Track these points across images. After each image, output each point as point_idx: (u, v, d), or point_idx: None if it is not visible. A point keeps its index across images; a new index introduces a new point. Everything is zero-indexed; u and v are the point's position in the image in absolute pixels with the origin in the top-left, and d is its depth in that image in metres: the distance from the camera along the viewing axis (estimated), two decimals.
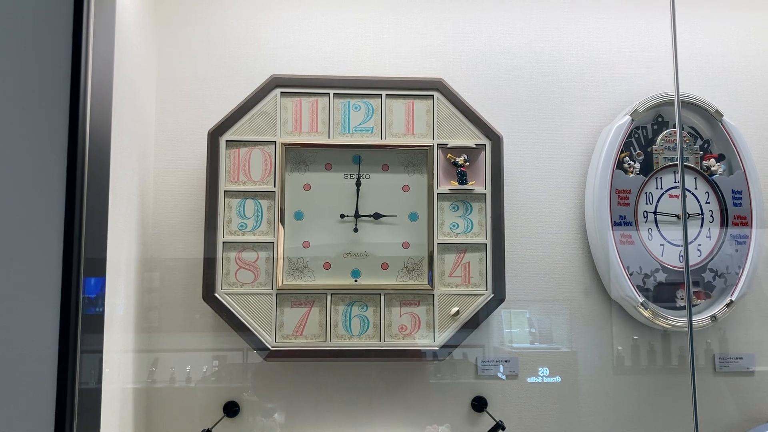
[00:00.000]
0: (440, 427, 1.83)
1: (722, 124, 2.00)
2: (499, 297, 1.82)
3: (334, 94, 1.86)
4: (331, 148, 1.86)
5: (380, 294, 1.82)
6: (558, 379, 1.94)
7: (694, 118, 2.03)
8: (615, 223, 1.91)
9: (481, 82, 2.02)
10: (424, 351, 1.80)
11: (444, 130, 1.87)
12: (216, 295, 1.76)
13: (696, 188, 2.00)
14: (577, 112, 2.03)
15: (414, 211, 1.88)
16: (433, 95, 1.88)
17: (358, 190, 1.88)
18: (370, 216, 1.87)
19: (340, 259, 1.85)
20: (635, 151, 1.98)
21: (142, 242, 1.82)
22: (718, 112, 2.00)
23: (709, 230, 1.98)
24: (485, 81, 2.02)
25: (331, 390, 1.88)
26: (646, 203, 1.97)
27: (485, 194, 1.86)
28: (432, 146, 1.86)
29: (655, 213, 1.97)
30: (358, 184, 1.88)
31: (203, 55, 1.95)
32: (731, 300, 1.94)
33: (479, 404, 1.90)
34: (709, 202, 2.00)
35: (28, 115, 1.15)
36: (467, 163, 1.87)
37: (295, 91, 1.85)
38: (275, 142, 1.83)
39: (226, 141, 1.81)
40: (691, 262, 1.95)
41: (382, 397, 1.89)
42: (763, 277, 2.00)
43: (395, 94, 1.87)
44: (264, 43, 1.97)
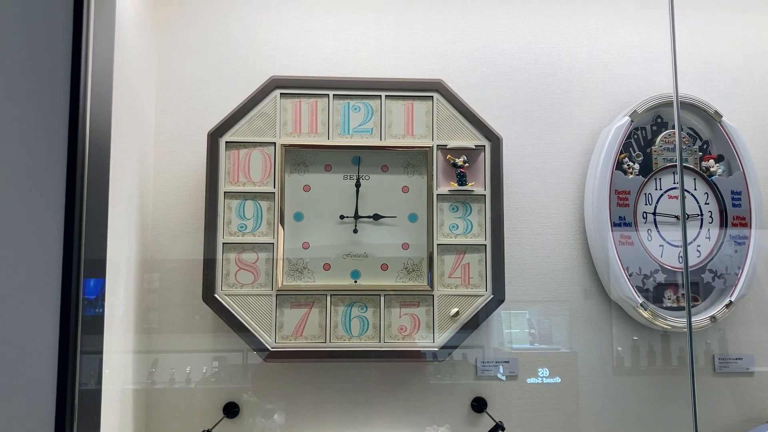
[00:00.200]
0: (440, 428, 1.83)
1: (721, 125, 2.00)
2: (499, 298, 1.82)
3: (333, 95, 1.86)
4: (330, 149, 1.86)
5: (380, 295, 1.82)
6: (558, 380, 1.94)
7: (693, 119, 2.03)
8: (614, 224, 1.91)
9: (481, 83, 2.02)
10: (424, 352, 1.80)
11: (443, 131, 1.87)
12: (216, 296, 1.76)
13: (695, 189, 2.00)
14: (577, 113, 2.03)
15: (413, 212, 1.88)
16: (432, 96, 1.88)
17: (358, 191, 1.88)
18: (369, 217, 1.87)
19: (340, 260, 1.85)
20: (634, 152, 1.98)
21: (142, 243, 1.82)
22: (717, 113, 2.00)
23: (709, 231, 1.98)
24: (485, 82, 2.02)
25: (330, 391, 1.88)
26: (646, 204, 1.97)
27: (485, 195, 1.86)
28: (431, 147, 1.87)
29: (655, 214, 1.97)
30: (358, 185, 1.88)
31: (203, 56, 1.95)
32: (730, 301, 1.94)
33: (479, 405, 1.90)
34: (708, 203, 2.00)
35: (28, 116, 1.15)
36: (467, 164, 1.87)
37: (295, 92, 1.85)
38: (275, 143, 1.83)
39: (226, 142, 1.81)
40: (691, 263, 1.95)
41: (382, 397, 1.89)
42: (763, 278, 2.00)
43: (395, 95, 1.87)
44: (264, 44, 1.97)
